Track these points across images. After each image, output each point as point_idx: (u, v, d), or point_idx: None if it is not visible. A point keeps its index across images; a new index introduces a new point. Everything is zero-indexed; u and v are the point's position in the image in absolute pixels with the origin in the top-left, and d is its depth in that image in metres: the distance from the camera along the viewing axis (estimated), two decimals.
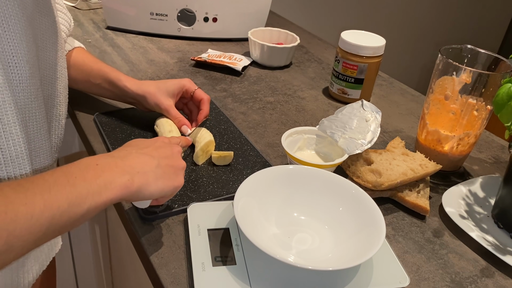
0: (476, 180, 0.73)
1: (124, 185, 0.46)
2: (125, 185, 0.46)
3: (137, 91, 0.74)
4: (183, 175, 0.54)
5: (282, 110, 0.91)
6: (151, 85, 0.75)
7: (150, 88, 0.74)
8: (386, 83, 1.08)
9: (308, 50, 1.21)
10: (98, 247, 1.09)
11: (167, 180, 0.51)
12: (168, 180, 0.51)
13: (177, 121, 0.74)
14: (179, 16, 1.13)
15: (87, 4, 1.32)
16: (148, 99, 0.74)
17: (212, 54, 1.07)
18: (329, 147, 0.72)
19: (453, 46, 0.74)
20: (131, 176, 0.47)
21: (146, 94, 0.74)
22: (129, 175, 0.47)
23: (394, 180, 0.65)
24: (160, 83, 0.75)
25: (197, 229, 0.56)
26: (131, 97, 0.76)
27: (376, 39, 0.92)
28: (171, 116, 0.74)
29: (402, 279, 0.53)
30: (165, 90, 0.74)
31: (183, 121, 0.74)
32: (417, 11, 2.35)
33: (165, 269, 0.54)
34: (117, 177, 0.46)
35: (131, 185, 0.46)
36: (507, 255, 0.59)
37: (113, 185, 0.45)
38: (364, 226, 0.55)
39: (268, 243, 0.55)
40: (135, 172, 0.48)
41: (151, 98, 0.74)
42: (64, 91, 0.64)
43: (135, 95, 0.74)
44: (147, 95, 0.74)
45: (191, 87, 0.77)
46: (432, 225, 0.66)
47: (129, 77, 0.76)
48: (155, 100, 0.73)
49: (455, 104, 0.71)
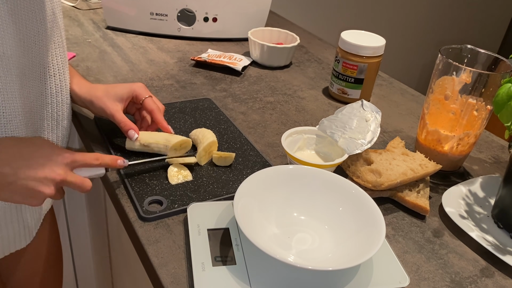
0: (476, 180, 0.73)
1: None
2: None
3: (84, 95, 0.71)
4: (42, 200, 0.54)
5: (282, 110, 0.91)
6: (100, 89, 0.71)
7: (98, 92, 0.71)
8: (386, 83, 1.08)
9: (308, 50, 1.21)
10: (98, 248, 1.09)
11: (16, 196, 0.53)
12: (17, 196, 0.53)
13: (122, 125, 0.69)
14: (179, 16, 1.13)
15: (87, 4, 1.32)
16: (94, 103, 0.70)
17: (212, 54, 1.07)
18: (329, 147, 0.72)
19: (453, 46, 0.74)
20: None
21: (93, 98, 0.70)
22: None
23: (394, 180, 0.65)
24: (109, 87, 0.72)
25: (197, 229, 0.57)
26: (79, 101, 0.72)
27: (376, 39, 0.92)
28: (116, 120, 0.70)
29: (402, 279, 0.53)
30: (113, 94, 0.71)
31: (129, 125, 0.69)
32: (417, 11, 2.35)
33: (165, 269, 0.54)
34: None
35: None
36: (507, 255, 0.59)
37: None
38: (364, 226, 0.55)
39: (268, 243, 0.55)
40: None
41: (97, 102, 0.70)
42: (62, 91, 0.64)
43: (82, 99, 0.71)
44: (93, 99, 0.70)
45: (141, 93, 0.72)
46: (432, 225, 0.66)
47: (83, 81, 0.73)
48: (101, 104, 0.70)
49: (455, 104, 0.71)
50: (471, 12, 2.55)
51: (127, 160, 0.63)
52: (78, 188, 0.57)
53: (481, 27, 2.64)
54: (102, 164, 0.60)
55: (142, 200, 0.62)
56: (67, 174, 0.55)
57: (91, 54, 1.03)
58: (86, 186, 0.58)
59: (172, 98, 0.89)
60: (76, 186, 0.57)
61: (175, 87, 0.94)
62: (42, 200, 0.55)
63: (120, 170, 0.67)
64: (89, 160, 0.59)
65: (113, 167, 0.62)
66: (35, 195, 0.53)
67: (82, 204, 1.08)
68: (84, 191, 0.58)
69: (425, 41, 2.47)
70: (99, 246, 1.08)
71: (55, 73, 0.62)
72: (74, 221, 1.09)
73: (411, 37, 2.42)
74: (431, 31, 2.47)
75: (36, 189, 0.53)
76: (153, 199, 0.62)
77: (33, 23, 0.56)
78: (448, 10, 2.46)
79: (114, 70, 0.97)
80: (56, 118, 0.64)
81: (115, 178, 0.67)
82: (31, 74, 0.58)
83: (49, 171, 0.54)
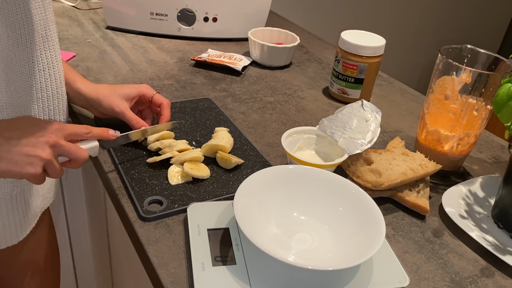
0: (476, 180, 0.73)
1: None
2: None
3: (90, 94, 0.72)
4: (40, 166, 0.54)
5: (282, 110, 0.91)
6: (106, 88, 0.73)
7: (105, 91, 0.72)
8: (386, 83, 1.08)
9: (308, 50, 1.21)
10: (98, 248, 1.10)
11: (15, 166, 0.53)
12: (15, 166, 0.53)
13: (134, 122, 0.70)
14: (179, 16, 1.13)
15: (87, 4, 1.32)
16: (102, 102, 0.71)
17: (212, 54, 1.07)
18: (329, 147, 0.72)
19: (453, 46, 0.74)
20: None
21: (100, 97, 0.71)
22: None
23: (394, 180, 0.65)
24: (116, 87, 0.73)
25: (197, 229, 0.57)
26: (84, 100, 0.73)
27: (376, 39, 0.92)
28: (127, 118, 0.71)
29: (402, 279, 0.53)
30: (121, 93, 0.72)
31: (141, 122, 0.71)
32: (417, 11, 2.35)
33: (165, 269, 0.54)
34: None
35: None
36: (507, 255, 0.59)
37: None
38: (364, 226, 0.55)
39: (268, 243, 0.55)
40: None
41: (105, 101, 0.71)
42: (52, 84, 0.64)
43: (88, 98, 0.72)
44: (101, 98, 0.71)
45: (148, 92, 0.74)
46: (432, 225, 0.66)
47: (86, 80, 0.74)
48: (109, 103, 0.71)
49: (455, 104, 0.71)
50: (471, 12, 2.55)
51: (118, 131, 0.64)
52: (74, 155, 0.57)
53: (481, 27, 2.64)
54: (93, 134, 0.60)
55: (142, 200, 0.62)
56: (59, 138, 0.56)
57: (91, 54, 1.03)
58: (81, 153, 0.57)
59: (172, 98, 0.89)
60: (71, 152, 0.57)
61: (175, 87, 0.94)
62: (41, 167, 0.54)
63: (120, 169, 0.67)
64: (79, 129, 0.59)
65: (104, 138, 0.63)
66: (32, 160, 0.53)
67: (82, 204, 1.08)
68: (80, 160, 0.58)
69: (425, 41, 2.47)
70: (99, 246, 1.08)
71: (44, 67, 0.61)
72: (74, 221, 1.09)
73: (411, 37, 2.42)
74: (431, 31, 2.47)
75: (31, 153, 0.53)
76: (153, 199, 0.62)
77: (19, 16, 0.55)
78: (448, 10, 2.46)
79: (114, 70, 0.97)
80: (48, 113, 0.64)
81: (115, 178, 0.67)
82: (18, 68, 0.57)
83: (40, 134, 0.54)
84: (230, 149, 0.72)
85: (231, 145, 0.73)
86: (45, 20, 0.60)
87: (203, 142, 0.75)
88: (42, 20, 0.59)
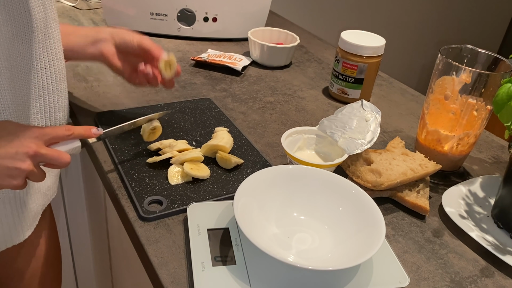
0: (476, 180, 0.73)
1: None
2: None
3: (93, 35, 0.72)
4: (21, 177, 0.53)
5: (282, 110, 0.91)
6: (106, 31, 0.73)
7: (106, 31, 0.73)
8: (386, 83, 1.08)
9: (308, 50, 1.21)
10: (98, 248, 1.09)
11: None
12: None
13: (156, 51, 0.72)
14: (179, 16, 1.13)
15: (87, 4, 1.32)
16: (114, 35, 0.72)
17: (212, 54, 1.07)
18: (329, 147, 0.72)
19: (453, 46, 0.74)
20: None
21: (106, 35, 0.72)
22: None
23: (394, 180, 0.65)
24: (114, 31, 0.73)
25: (197, 229, 0.57)
26: (88, 43, 0.72)
27: (376, 39, 0.92)
28: (147, 46, 0.72)
29: (402, 279, 0.53)
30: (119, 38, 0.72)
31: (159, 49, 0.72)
32: (417, 11, 2.35)
33: (165, 269, 0.54)
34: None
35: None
36: (507, 255, 0.59)
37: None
38: (364, 226, 0.55)
39: (268, 243, 0.55)
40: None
41: (117, 34, 0.72)
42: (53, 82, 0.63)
43: (90, 39, 0.72)
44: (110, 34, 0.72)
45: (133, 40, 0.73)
46: (432, 225, 0.66)
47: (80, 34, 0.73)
48: (122, 35, 0.72)
49: (455, 104, 0.71)
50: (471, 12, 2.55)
51: (101, 128, 0.62)
52: (55, 161, 0.55)
53: (481, 27, 2.64)
54: (75, 135, 0.58)
55: (142, 200, 0.62)
56: (39, 146, 0.53)
57: None
58: (63, 159, 0.55)
59: (172, 98, 0.89)
60: (52, 159, 0.55)
61: (175, 87, 0.94)
62: (22, 179, 0.53)
63: (120, 169, 0.67)
64: (60, 132, 0.57)
65: (87, 137, 0.61)
66: (13, 172, 0.52)
67: (82, 204, 1.08)
68: (62, 165, 0.56)
69: (425, 41, 2.47)
70: (99, 246, 1.08)
71: (45, 65, 0.60)
72: (74, 221, 1.09)
73: (411, 37, 2.42)
74: (431, 31, 2.47)
75: (11, 166, 0.51)
76: (153, 199, 0.62)
77: (23, 14, 0.55)
78: (448, 10, 2.46)
79: None
80: (49, 110, 0.63)
81: (115, 178, 0.67)
82: (21, 67, 0.57)
83: (19, 144, 0.52)
84: (230, 149, 0.72)
85: (231, 145, 0.73)
86: (48, 18, 0.60)
87: (203, 142, 0.75)
88: (42, 18, 0.59)
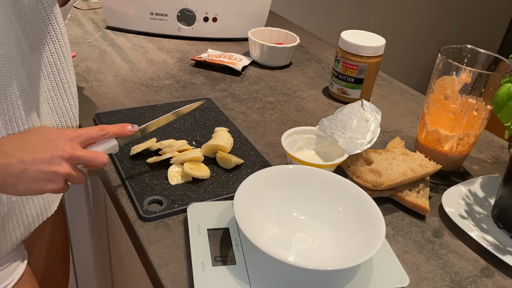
0: (476, 180, 0.73)
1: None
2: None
3: None
4: (60, 181, 0.53)
5: (282, 110, 0.91)
6: None
7: None
8: (386, 83, 1.08)
9: (308, 50, 1.21)
10: (98, 248, 1.09)
11: (34, 184, 0.51)
12: (36, 184, 0.51)
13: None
14: (179, 16, 1.13)
15: (87, 4, 1.32)
16: None
17: (212, 54, 1.07)
18: (329, 147, 0.72)
19: (453, 46, 0.74)
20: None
21: None
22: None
23: (394, 180, 0.65)
24: None
25: (197, 229, 0.57)
26: None
27: (376, 39, 0.92)
28: None
29: (402, 279, 0.53)
30: None
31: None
32: (417, 11, 2.35)
33: (165, 269, 0.54)
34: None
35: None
36: (507, 255, 0.59)
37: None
38: (364, 226, 0.55)
39: (268, 243, 0.55)
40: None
41: None
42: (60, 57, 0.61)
43: None
44: None
45: None
46: (432, 225, 0.66)
47: None
48: None
49: (455, 104, 0.71)
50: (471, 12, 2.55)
51: (136, 125, 0.60)
52: (92, 162, 0.55)
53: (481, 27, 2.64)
54: (109, 134, 0.58)
55: (142, 200, 0.62)
56: (74, 149, 0.53)
57: (91, 54, 1.03)
58: (99, 159, 0.55)
59: (172, 98, 0.89)
60: (89, 161, 0.54)
61: (175, 87, 0.94)
62: (61, 182, 0.53)
63: (120, 169, 0.67)
64: (94, 132, 0.56)
65: (122, 135, 0.59)
66: (51, 176, 0.52)
67: (82, 204, 1.08)
68: (100, 165, 0.55)
69: (425, 41, 2.47)
70: (99, 246, 1.08)
71: (48, 41, 0.59)
72: (74, 221, 1.09)
73: (411, 37, 2.42)
74: (431, 31, 2.47)
75: (49, 170, 0.51)
76: (153, 199, 0.62)
77: (34, 22, 0.55)
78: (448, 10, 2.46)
79: (114, 70, 0.97)
80: (63, 86, 0.62)
81: (115, 178, 0.67)
82: (28, 45, 0.56)
83: (54, 149, 0.52)
84: (230, 149, 0.72)
85: (231, 145, 0.73)
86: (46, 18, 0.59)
87: (203, 142, 0.75)
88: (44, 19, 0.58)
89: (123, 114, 0.81)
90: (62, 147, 0.53)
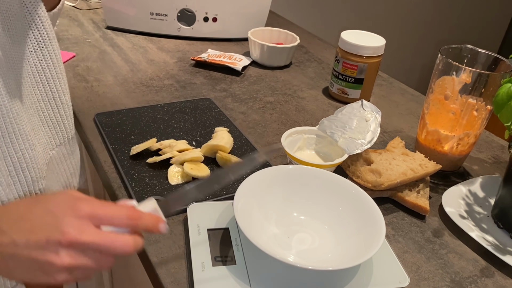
0: (476, 180, 0.73)
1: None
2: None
3: None
4: (58, 273, 0.40)
5: (282, 110, 0.91)
6: None
7: None
8: (386, 83, 1.08)
9: (308, 50, 1.21)
10: None
11: (27, 273, 0.40)
12: (29, 274, 0.40)
13: None
14: (179, 16, 1.13)
15: (87, 4, 1.32)
16: None
17: (212, 54, 1.07)
18: (329, 147, 0.72)
19: (453, 46, 0.74)
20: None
21: None
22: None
23: (394, 180, 0.65)
24: None
25: (197, 229, 0.56)
26: None
27: (376, 39, 0.92)
28: None
29: (402, 279, 0.53)
30: None
31: None
32: (417, 11, 2.35)
33: (165, 269, 0.54)
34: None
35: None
36: (507, 255, 0.59)
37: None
38: (364, 226, 0.55)
39: (268, 243, 0.55)
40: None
41: None
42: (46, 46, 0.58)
43: None
44: None
45: None
46: (432, 225, 0.66)
47: None
48: None
49: (455, 104, 0.71)
50: (471, 12, 2.55)
51: (167, 226, 0.46)
52: (108, 250, 0.41)
53: (481, 27, 2.64)
54: (138, 226, 0.43)
55: (142, 200, 0.62)
56: (80, 232, 0.40)
57: (91, 54, 1.03)
58: (119, 248, 0.41)
59: (172, 98, 0.89)
60: (102, 249, 0.40)
61: (175, 87, 0.94)
62: (62, 275, 0.40)
63: (120, 169, 0.67)
64: (117, 217, 0.42)
65: (151, 232, 0.45)
66: (43, 267, 0.39)
67: None
68: (122, 253, 0.41)
69: (425, 41, 2.47)
70: None
71: (35, 48, 0.56)
72: None
73: (411, 37, 2.42)
74: (431, 31, 2.47)
75: (41, 259, 0.39)
76: None
77: (17, 19, 0.53)
78: (448, 10, 2.46)
79: (114, 70, 0.97)
80: (52, 96, 0.60)
81: (115, 178, 0.67)
82: (15, 52, 0.54)
83: (53, 229, 0.39)
84: (230, 149, 0.72)
85: (231, 145, 0.73)
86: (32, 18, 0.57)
87: (203, 142, 0.75)
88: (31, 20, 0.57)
89: (123, 114, 0.81)
90: (64, 227, 0.40)
